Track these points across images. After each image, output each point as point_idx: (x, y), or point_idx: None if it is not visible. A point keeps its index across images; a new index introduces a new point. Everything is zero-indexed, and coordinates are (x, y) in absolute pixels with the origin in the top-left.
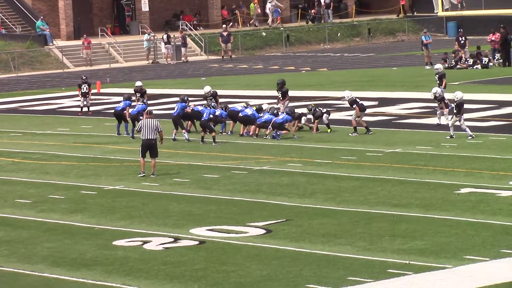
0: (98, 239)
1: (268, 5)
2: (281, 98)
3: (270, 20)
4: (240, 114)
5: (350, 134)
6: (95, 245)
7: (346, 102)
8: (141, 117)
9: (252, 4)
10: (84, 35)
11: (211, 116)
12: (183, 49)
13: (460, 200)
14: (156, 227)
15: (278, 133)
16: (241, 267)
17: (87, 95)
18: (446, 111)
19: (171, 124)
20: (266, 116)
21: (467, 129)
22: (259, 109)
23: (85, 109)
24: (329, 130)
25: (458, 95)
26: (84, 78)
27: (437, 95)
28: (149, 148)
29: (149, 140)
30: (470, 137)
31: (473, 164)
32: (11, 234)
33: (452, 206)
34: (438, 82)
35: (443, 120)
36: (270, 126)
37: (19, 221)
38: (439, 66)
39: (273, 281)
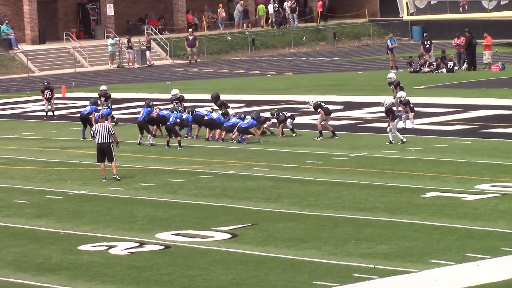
0: (63, 244)
1: (277, 5)
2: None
3: (292, 21)
4: (206, 118)
5: (315, 138)
6: (61, 250)
7: (311, 107)
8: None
9: (260, 5)
10: None
11: (178, 120)
12: (147, 53)
13: (425, 204)
14: (122, 231)
15: (243, 137)
16: (207, 271)
17: (51, 100)
18: (411, 115)
19: (136, 128)
20: (233, 120)
21: (398, 134)
22: (225, 114)
23: (50, 113)
24: (294, 134)
25: (387, 100)
26: (46, 84)
27: (402, 99)
28: (104, 152)
29: (102, 144)
30: (400, 142)
31: (438, 168)
32: None
33: (418, 210)
34: (395, 91)
35: (408, 124)
36: (235, 130)
37: None
38: (392, 76)
39: (239, 286)
